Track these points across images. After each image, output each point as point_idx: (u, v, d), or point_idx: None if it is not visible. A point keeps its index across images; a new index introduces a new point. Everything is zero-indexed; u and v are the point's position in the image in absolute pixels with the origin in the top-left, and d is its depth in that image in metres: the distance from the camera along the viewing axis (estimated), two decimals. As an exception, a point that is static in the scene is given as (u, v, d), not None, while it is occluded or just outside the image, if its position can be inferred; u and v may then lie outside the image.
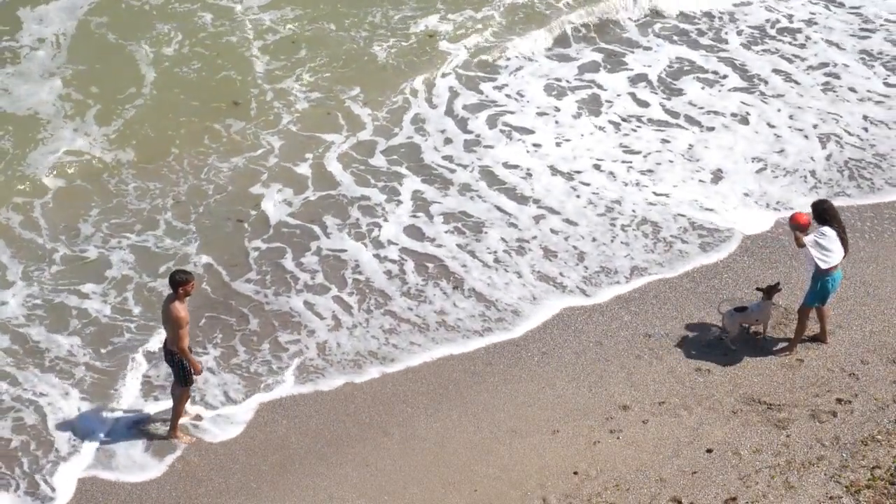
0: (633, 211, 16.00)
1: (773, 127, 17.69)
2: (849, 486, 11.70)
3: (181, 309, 12.06)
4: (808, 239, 12.99)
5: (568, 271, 14.96)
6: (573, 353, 13.72)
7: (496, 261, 15.15)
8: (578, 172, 16.79)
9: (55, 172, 16.35)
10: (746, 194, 16.29)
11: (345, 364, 13.65)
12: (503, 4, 20.31)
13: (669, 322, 14.14)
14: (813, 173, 16.67)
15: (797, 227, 13.11)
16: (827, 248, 13.01)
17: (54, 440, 12.62)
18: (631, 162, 17.02)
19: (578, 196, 16.33)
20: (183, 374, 12.35)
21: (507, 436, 12.63)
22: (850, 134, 17.48)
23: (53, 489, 12.15)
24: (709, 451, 12.30)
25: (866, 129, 17.57)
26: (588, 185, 16.55)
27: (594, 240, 15.52)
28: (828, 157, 17.00)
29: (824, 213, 13.18)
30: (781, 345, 13.64)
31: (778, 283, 13.74)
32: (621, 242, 15.43)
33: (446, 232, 15.67)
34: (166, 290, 12.70)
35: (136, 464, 12.41)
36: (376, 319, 14.24)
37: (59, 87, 17.87)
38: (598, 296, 14.54)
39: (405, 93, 18.28)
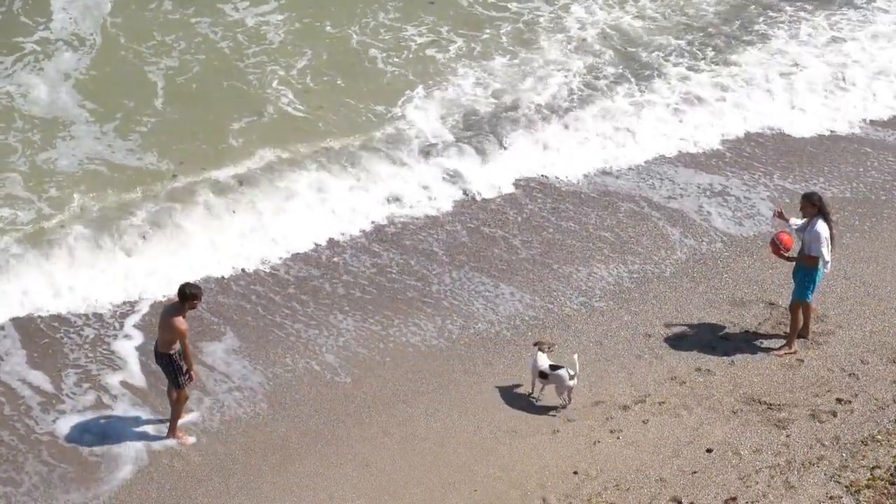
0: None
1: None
2: (849, 486, 11.69)
3: (183, 322, 12.11)
4: (824, 253, 13.06)
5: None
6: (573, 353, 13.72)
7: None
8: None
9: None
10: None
11: (343, 364, 13.69)
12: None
13: (669, 322, 14.14)
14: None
15: (784, 249, 13.33)
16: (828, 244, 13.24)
17: (52, 442, 12.63)
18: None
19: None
20: (175, 377, 12.34)
21: (507, 436, 12.62)
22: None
23: (51, 490, 12.15)
24: (709, 450, 12.29)
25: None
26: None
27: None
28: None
29: (822, 204, 13.22)
30: (780, 343, 13.67)
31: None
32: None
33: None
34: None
35: (136, 464, 12.40)
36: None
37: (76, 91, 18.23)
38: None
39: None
